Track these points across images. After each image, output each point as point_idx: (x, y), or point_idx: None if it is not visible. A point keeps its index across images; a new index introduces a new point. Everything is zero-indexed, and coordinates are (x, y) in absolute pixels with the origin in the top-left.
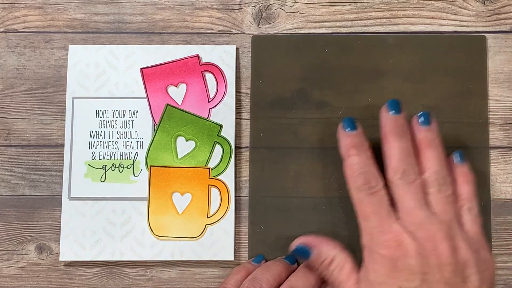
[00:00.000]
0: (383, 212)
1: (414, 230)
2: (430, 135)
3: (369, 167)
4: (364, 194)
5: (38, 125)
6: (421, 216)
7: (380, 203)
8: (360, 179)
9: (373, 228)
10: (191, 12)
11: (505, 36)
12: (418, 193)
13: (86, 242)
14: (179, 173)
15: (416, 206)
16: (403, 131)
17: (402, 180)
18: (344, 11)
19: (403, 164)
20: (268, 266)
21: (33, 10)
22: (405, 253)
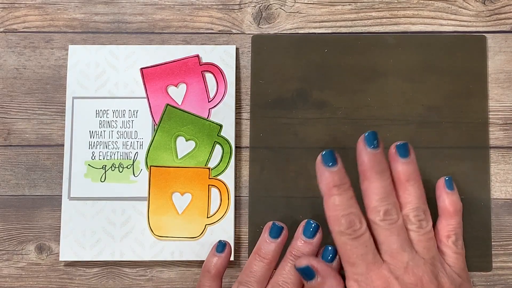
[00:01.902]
0: (369, 257)
1: (401, 275)
2: (409, 168)
3: (352, 208)
4: (348, 238)
5: (38, 125)
6: (406, 259)
7: (365, 247)
8: (344, 222)
9: (360, 274)
10: (191, 12)
11: (505, 36)
12: (401, 234)
13: (86, 242)
14: (179, 173)
15: (400, 247)
16: (382, 168)
17: (385, 222)
18: (344, 11)
19: (385, 204)
20: (251, 265)
21: (33, 10)
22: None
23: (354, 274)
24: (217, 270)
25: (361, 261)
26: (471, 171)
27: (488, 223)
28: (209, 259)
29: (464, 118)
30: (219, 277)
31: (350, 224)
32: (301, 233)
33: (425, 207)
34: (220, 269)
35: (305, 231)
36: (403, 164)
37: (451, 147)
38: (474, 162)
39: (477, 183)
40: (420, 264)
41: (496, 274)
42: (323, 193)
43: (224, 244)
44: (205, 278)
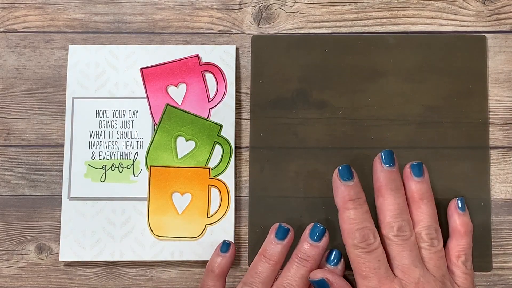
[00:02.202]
0: (382, 271)
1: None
2: (422, 187)
3: (366, 222)
4: (361, 252)
5: (38, 125)
6: (417, 275)
7: (378, 261)
8: (358, 236)
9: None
10: (191, 12)
11: (505, 36)
12: (413, 251)
13: (86, 242)
14: (179, 173)
15: (412, 263)
16: (397, 186)
17: (398, 237)
18: (344, 11)
19: (399, 221)
20: (257, 266)
21: (33, 10)
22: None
23: (366, 287)
24: (221, 269)
25: (373, 274)
26: (471, 171)
27: (488, 223)
28: (213, 259)
29: (464, 118)
30: (223, 277)
31: (364, 238)
32: (307, 236)
33: (437, 226)
34: (224, 268)
35: (311, 234)
36: (417, 183)
37: (451, 147)
38: (474, 162)
39: (477, 183)
40: (431, 281)
41: (496, 274)
42: (339, 207)
43: (229, 244)
44: (209, 278)
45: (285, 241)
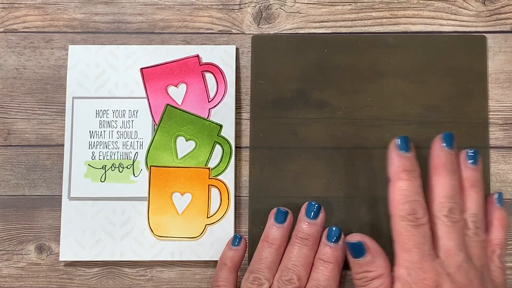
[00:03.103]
0: (425, 248)
1: (453, 273)
2: (476, 175)
3: (418, 196)
4: (408, 225)
5: (38, 125)
6: (460, 259)
7: (424, 237)
8: (407, 208)
9: (413, 263)
10: (191, 12)
11: (505, 36)
12: (459, 234)
13: (86, 242)
14: (179, 173)
15: (457, 247)
16: (454, 169)
17: (448, 218)
18: (344, 11)
19: (451, 202)
20: (261, 252)
21: (33, 10)
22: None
23: (406, 261)
24: (233, 263)
25: (417, 249)
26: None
27: None
28: (225, 253)
29: (464, 118)
30: (235, 270)
31: (414, 211)
32: (304, 215)
33: (483, 216)
34: (236, 262)
35: (307, 212)
36: (471, 171)
37: None
38: None
39: None
40: (472, 269)
41: None
42: (391, 177)
43: (240, 237)
44: (222, 271)
45: (285, 224)
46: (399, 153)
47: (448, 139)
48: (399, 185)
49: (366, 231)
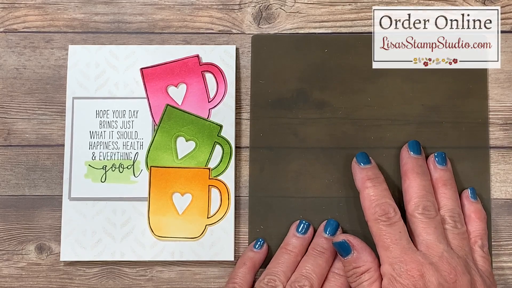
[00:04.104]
0: (404, 242)
1: (436, 262)
2: (446, 175)
3: (386, 198)
4: (383, 225)
5: (38, 125)
6: (441, 250)
7: (399, 233)
8: (378, 210)
9: (394, 258)
10: (191, 12)
11: (505, 36)
12: (437, 228)
13: (87, 242)
14: (179, 174)
15: (436, 239)
16: (423, 171)
17: (424, 215)
18: (344, 11)
19: (424, 200)
20: (279, 257)
21: (33, 10)
22: (427, 284)
23: (388, 257)
24: (253, 263)
25: (395, 245)
26: (471, 171)
27: (488, 223)
28: (246, 253)
29: (464, 118)
30: (253, 271)
31: (384, 211)
32: (322, 230)
33: (459, 210)
34: (255, 263)
35: (325, 228)
36: (441, 171)
37: (451, 147)
38: (474, 162)
39: (477, 183)
40: (454, 257)
41: (496, 274)
42: (359, 189)
43: (263, 241)
44: (240, 269)
45: (306, 235)
46: (361, 167)
47: (414, 147)
48: (366, 193)
49: (366, 231)
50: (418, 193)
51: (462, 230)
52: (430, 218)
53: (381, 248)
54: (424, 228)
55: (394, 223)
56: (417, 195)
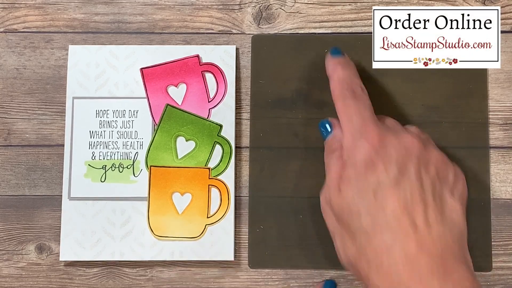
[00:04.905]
0: (367, 114)
1: (398, 131)
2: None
3: (355, 79)
4: (349, 99)
5: (38, 125)
6: (400, 127)
7: (364, 106)
8: (346, 87)
9: (355, 129)
10: (191, 12)
11: (505, 36)
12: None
13: (86, 242)
14: (179, 173)
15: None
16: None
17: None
18: (344, 11)
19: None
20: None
21: (33, 10)
22: (387, 145)
23: (351, 128)
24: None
25: (357, 115)
26: (471, 171)
27: (488, 223)
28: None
29: (464, 118)
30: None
31: (351, 88)
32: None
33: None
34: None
35: (332, 51)
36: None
37: (451, 147)
38: (474, 162)
39: (477, 183)
40: (415, 131)
41: (496, 274)
42: (330, 75)
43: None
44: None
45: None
46: (333, 57)
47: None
48: (336, 75)
49: None
50: (340, 81)
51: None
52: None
53: (345, 121)
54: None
55: (361, 97)
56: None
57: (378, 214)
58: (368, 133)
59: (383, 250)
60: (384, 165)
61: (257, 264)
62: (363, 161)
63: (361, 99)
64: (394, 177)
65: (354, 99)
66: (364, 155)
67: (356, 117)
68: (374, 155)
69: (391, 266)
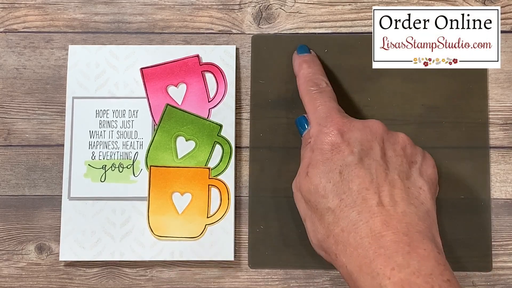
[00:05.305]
0: (332, 104)
1: (361, 123)
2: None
3: (320, 75)
4: (314, 92)
5: (38, 125)
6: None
7: (329, 98)
8: (311, 82)
9: (321, 117)
10: (191, 12)
11: (505, 36)
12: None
13: (86, 242)
14: (179, 173)
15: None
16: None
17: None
18: (344, 11)
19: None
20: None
21: (33, 10)
22: (352, 129)
23: (317, 118)
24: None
25: (322, 106)
26: (471, 171)
27: (488, 223)
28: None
29: (464, 118)
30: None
31: (316, 83)
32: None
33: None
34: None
35: (298, 50)
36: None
37: (451, 147)
38: (474, 162)
39: (477, 183)
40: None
41: (496, 274)
42: (296, 73)
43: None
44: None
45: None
46: (299, 55)
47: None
48: (302, 73)
49: None
50: (305, 78)
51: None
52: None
53: (311, 112)
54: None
55: (325, 90)
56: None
57: (345, 193)
58: (333, 119)
59: (350, 228)
60: (349, 147)
61: (257, 264)
62: (329, 144)
63: (325, 92)
64: (359, 156)
65: (319, 93)
66: (329, 139)
67: (321, 107)
68: (339, 138)
69: (358, 243)
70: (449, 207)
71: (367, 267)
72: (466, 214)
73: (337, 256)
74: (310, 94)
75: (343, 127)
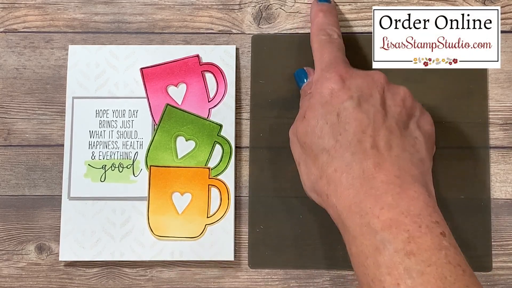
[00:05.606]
0: (339, 54)
1: (363, 73)
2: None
3: (333, 26)
4: (324, 41)
5: (38, 125)
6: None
7: (338, 48)
8: (324, 31)
9: (326, 64)
10: (191, 12)
11: (505, 36)
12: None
13: (86, 242)
14: (179, 173)
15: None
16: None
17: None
18: (344, 11)
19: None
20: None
21: (33, 10)
22: (355, 76)
23: (322, 63)
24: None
25: (330, 55)
26: (471, 171)
27: (488, 223)
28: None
29: (464, 118)
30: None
31: (330, 32)
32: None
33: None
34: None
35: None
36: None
37: (451, 147)
38: (474, 162)
39: (477, 183)
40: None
41: (496, 274)
42: (311, 20)
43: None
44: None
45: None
46: (318, 3)
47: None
48: (316, 21)
49: None
50: (319, 26)
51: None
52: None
53: (318, 59)
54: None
55: (335, 41)
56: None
57: (341, 135)
58: (336, 67)
59: (342, 168)
60: (349, 92)
61: (257, 264)
62: (329, 89)
63: (335, 43)
64: (358, 101)
65: (329, 42)
66: (331, 84)
67: (328, 54)
68: (340, 84)
69: (349, 184)
70: (449, 207)
71: (356, 207)
72: (466, 214)
73: (328, 197)
74: (320, 41)
75: (345, 74)
